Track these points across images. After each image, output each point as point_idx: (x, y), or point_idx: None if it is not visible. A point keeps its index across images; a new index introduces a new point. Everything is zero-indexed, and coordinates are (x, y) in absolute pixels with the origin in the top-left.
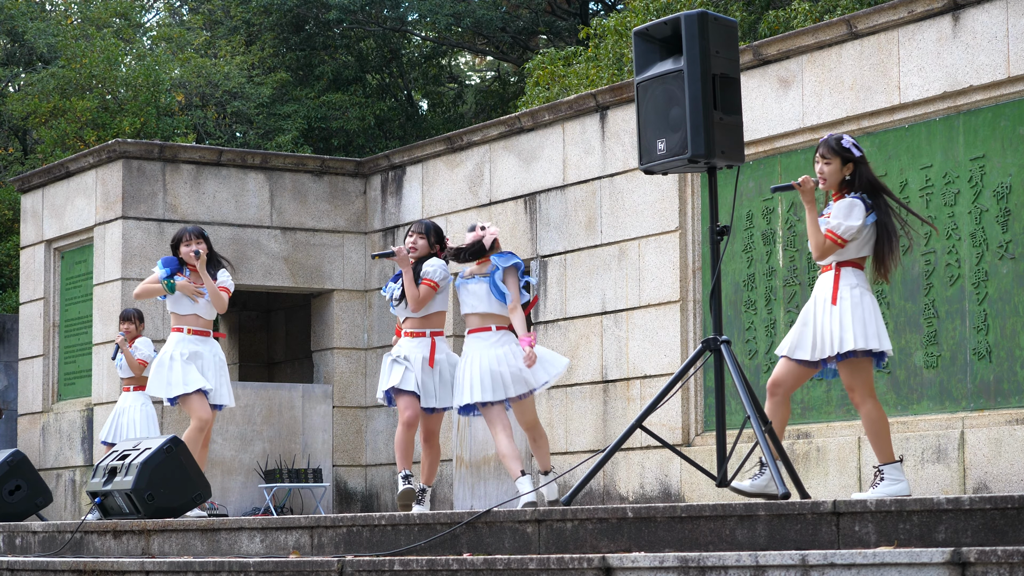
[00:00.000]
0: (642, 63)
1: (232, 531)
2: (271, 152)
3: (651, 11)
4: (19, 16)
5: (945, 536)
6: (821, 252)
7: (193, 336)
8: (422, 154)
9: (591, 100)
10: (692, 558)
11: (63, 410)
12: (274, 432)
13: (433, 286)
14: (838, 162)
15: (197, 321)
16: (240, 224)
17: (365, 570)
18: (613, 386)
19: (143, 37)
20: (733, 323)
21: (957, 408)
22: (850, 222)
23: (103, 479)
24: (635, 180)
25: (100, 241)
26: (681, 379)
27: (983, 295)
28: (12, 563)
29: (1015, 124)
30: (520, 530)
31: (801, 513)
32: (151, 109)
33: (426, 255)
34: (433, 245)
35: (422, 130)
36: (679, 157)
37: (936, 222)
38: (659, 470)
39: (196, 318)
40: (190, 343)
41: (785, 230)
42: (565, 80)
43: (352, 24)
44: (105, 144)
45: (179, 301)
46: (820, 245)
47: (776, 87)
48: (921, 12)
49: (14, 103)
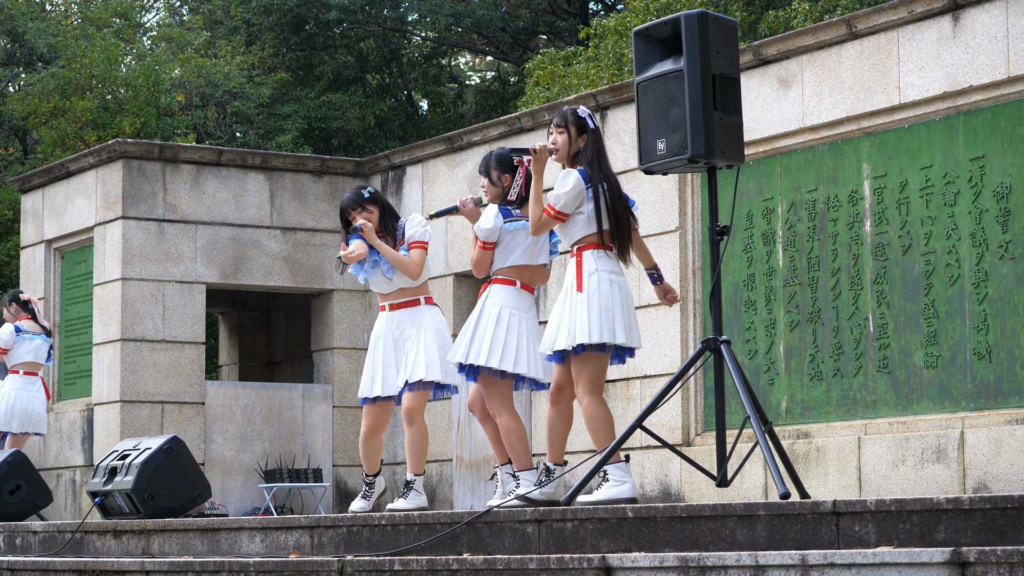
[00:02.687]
0: (642, 63)
1: (232, 531)
2: (271, 152)
3: (651, 11)
4: (19, 16)
5: (945, 536)
6: (536, 227)
7: (396, 312)
8: (422, 154)
9: (591, 100)
10: (692, 558)
11: (63, 410)
12: (274, 432)
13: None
14: (573, 131)
15: (402, 294)
16: (240, 224)
17: (365, 570)
18: (613, 386)
19: (143, 37)
20: (733, 323)
21: (957, 408)
22: (560, 190)
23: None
24: (635, 180)
25: (100, 241)
26: (681, 379)
27: (983, 295)
28: (12, 563)
29: (1015, 124)
30: (520, 530)
31: (801, 513)
32: (151, 109)
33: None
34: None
35: (422, 130)
36: (679, 157)
37: (936, 222)
38: (659, 470)
39: (400, 291)
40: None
41: (785, 230)
42: (565, 80)
43: (352, 24)
44: (105, 144)
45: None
46: (537, 219)
47: (776, 87)
48: (921, 12)
49: (14, 103)
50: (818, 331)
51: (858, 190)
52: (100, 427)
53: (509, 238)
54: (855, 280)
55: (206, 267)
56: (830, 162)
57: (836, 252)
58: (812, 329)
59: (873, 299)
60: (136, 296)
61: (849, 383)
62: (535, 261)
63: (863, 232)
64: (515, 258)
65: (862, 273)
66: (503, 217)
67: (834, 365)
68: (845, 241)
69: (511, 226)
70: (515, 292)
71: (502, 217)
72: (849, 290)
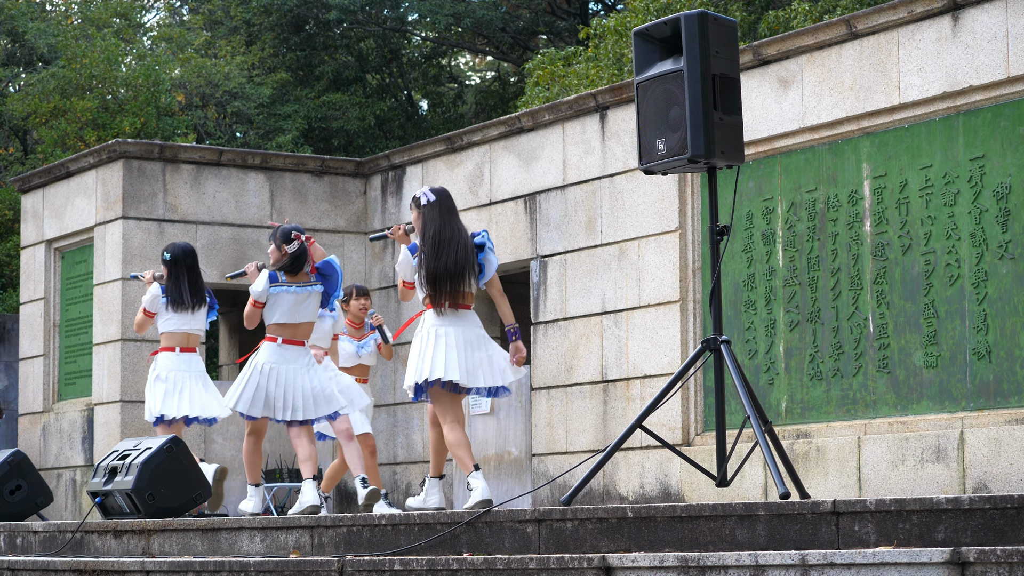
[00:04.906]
0: (642, 63)
1: (232, 531)
2: (271, 152)
3: (651, 11)
4: (19, 16)
5: (945, 536)
6: (402, 295)
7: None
8: (422, 154)
9: (591, 100)
10: (692, 558)
11: (64, 410)
12: (274, 432)
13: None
14: (415, 211)
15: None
16: (240, 224)
17: (365, 570)
18: (613, 386)
19: (143, 37)
20: (733, 323)
21: (957, 408)
22: (397, 265)
23: (104, 479)
24: (635, 180)
25: (100, 241)
26: (681, 379)
27: (983, 295)
28: (13, 563)
29: (1015, 124)
30: (520, 530)
31: (801, 513)
32: (151, 109)
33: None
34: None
35: (422, 130)
36: (679, 157)
37: (936, 222)
38: (659, 470)
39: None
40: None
41: (785, 230)
42: (565, 80)
43: (352, 24)
44: (105, 144)
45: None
46: (401, 290)
47: (776, 87)
48: (921, 12)
49: (14, 103)
50: (818, 331)
51: (858, 190)
52: (100, 427)
53: (274, 300)
54: (855, 280)
55: (206, 267)
56: (830, 162)
57: (836, 252)
58: (812, 329)
59: (873, 299)
60: (136, 296)
61: (849, 383)
62: (296, 320)
63: (863, 232)
64: (278, 317)
65: (862, 273)
66: (271, 282)
67: (834, 365)
68: (845, 241)
69: (276, 290)
70: (276, 347)
71: (270, 282)
72: (849, 290)
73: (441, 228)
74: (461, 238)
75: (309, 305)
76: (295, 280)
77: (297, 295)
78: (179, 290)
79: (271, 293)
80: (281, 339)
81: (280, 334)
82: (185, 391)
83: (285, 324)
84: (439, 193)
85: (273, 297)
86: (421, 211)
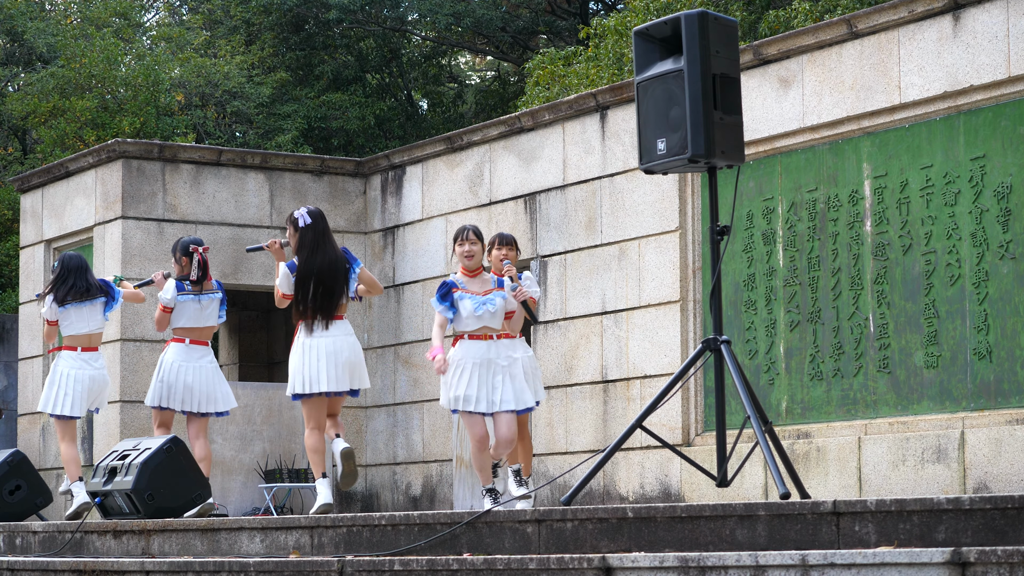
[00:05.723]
0: (642, 63)
1: (232, 531)
2: (271, 152)
3: (651, 11)
4: (19, 16)
5: (945, 536)
6: (279, 303)
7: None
8: (422, 154)
9: (591, 100)
10: (692, 558)
11: None
12: (274, 432)
13: None
14: (291, 229)
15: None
16: (240, 224)
17: (365, 570)
18: (613, 386)
19: (143, 37)
20: (733, 323)
21: (957, 408)
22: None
23: (103, 479)
24: (635, 180)
25: (100, 241)
26: (681, 379)
27: (983, 295)
28: (12, 563)
29: (1015, 124)
30: (520, 530)
31: (801, 513)
32: (151, 109)
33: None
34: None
35: (422, 130)
36: (679, 157)
37: (937, 222)
38: (659, 470)
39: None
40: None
41: (785, 230)
42: (565, 80)
43: (352, 24)
44: (105, 144)
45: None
46: (277, 298)
47: (776, 87)
48: (921, 12)
49: (14, 103)
50: (818, 331)
51: (858, 190)
52: (100, 427)
53: (181, 307)
54: (855, 280)
55: None
56: (830, 162)
57: (836, 252)
58: (812, 329)
59: (873, 299)
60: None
61: (849, 383)
62: (200, 324)
63: (863, 232)
64: (184, 321)
65: (862, 273)
66: (178, 290)
67: (834, 365)
68: (845, 241)
69: (183, 298)
70: (184, 347)
71: (177, 290)
72: (849, 290)
73: (314, 248)
74: (335, 257)
75: (213, 312)
76: (197, 291)
77: (201, 302)
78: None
79: (179, 300)
80: (189, 340)
81: (187, 336)
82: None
83: (192, 328)
84: (315, 215)
85: (180, 304)
86: (298, 231)
